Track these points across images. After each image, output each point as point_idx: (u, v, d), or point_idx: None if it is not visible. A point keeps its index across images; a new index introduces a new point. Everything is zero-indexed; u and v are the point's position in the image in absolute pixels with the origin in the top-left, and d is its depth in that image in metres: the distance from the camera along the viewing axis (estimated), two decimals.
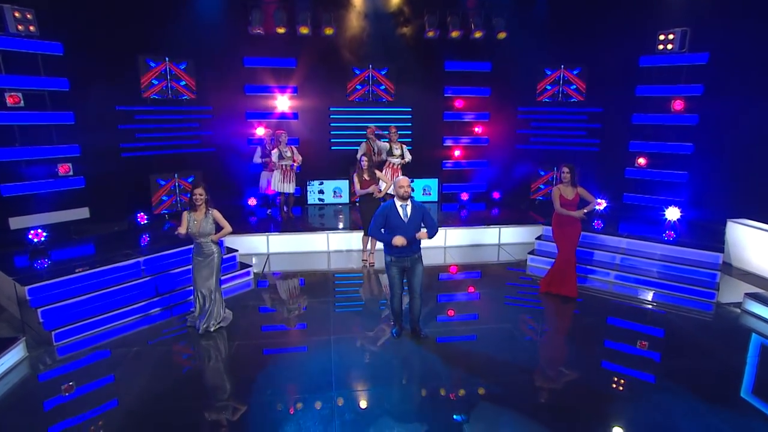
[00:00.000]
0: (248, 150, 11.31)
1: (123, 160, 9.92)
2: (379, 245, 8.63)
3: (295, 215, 10.44)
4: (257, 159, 10.36)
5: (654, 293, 7.57)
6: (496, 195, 12.09)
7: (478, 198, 12.23)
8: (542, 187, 11.89)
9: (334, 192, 11.66)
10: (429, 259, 8.78)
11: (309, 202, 11.46)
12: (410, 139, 11.75)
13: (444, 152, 12.13)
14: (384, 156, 9.87)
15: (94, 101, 9.31)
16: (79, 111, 9.04)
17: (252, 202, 11.03)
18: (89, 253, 7.93)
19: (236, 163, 11.23)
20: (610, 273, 8.10)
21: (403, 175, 10.28)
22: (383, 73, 11.59)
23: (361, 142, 10.21)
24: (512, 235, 10.01)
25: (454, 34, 10.93)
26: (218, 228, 6.17)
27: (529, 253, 8.90)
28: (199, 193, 5.99)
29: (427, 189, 11.95)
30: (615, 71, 10.76)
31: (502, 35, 11.01)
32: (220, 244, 8.66)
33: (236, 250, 8.46)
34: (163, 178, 10.29)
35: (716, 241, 8.50)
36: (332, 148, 11.71)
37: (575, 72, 11.44)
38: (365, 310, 7.13)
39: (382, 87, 11.64)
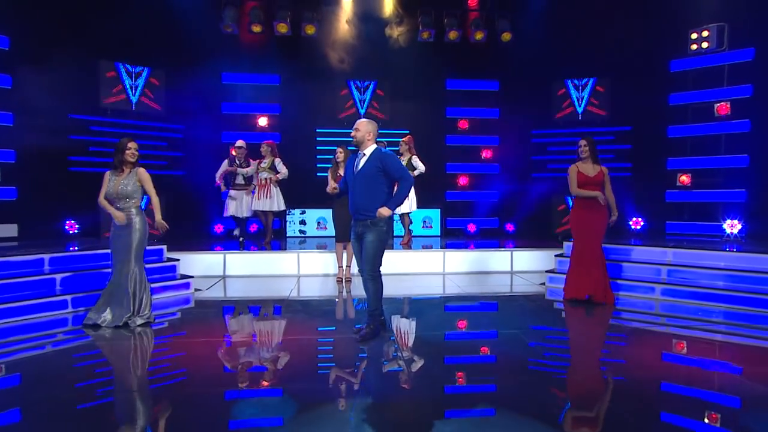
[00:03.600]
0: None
1: (70, 174, 8.62)
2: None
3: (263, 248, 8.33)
4: (217, 176, 8.55)
5: (717, 309, 5.52)
6: (509, 227, 10.23)
7: (490, 233, 10.34)
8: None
9: (318, 223, 9.96)
10: (424, 288, 7.12)
11: (288, 234, 9.79)
12: None
13: (447, 180, 10.51)
14: None
15: (41, 104, 8.15)
16: (21, 113, 7.97)
17: (219, 228, 9.47)
18: None
19: (209, 189, 9.77)
20: (655, 288, 6.05)
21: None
22: (375, 89, 10.39)
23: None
24: (528, 260, 8.01)
25: (452, 35, 9.67)
26: (143, 192, 4.83)
27: (548, 271, 6.94)
28: (135, 148, 4.74)
29: (427, 221, 10.17)
30: (642, 80, 9.27)
31: (506, 36, 9.74)
32: (159, 253, 7.02)
33: (177, 260, 6.81)
34: None
35: None
36: (318, 174, 10.21)
37: (596, 85, 10.02)
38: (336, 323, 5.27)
39: (375, 106, 10.38)
